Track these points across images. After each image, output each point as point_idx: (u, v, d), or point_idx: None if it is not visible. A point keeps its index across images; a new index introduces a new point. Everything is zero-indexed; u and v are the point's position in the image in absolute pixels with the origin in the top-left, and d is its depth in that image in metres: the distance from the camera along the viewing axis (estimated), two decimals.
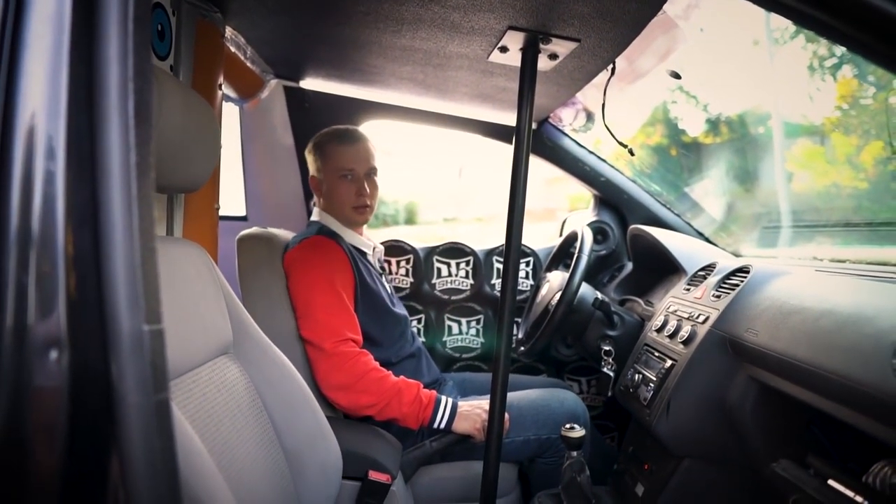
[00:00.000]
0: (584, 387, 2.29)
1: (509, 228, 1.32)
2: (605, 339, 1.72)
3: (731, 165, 2.81)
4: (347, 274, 1.57)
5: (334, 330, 1.48)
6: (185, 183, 1.13)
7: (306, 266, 1.54)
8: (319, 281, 1.52)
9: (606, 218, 2.29)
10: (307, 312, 1.51)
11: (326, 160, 1.69)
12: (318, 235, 1.62)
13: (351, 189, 1.67)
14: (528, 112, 1.35)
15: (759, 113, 2.81)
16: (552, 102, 1.83)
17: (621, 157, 2.23)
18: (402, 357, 1.68)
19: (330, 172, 1.68)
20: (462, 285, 2.24)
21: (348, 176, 1.67)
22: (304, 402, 1.28)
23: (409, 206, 11.28)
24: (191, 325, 1.04)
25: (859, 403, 0.90)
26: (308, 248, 1.58)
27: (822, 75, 2.56)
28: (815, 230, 2.20)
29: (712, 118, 3.09)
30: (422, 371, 1.73)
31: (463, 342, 2.26)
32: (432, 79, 1.75)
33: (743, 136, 2.97)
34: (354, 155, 1.68)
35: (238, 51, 1.66)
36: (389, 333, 1.67)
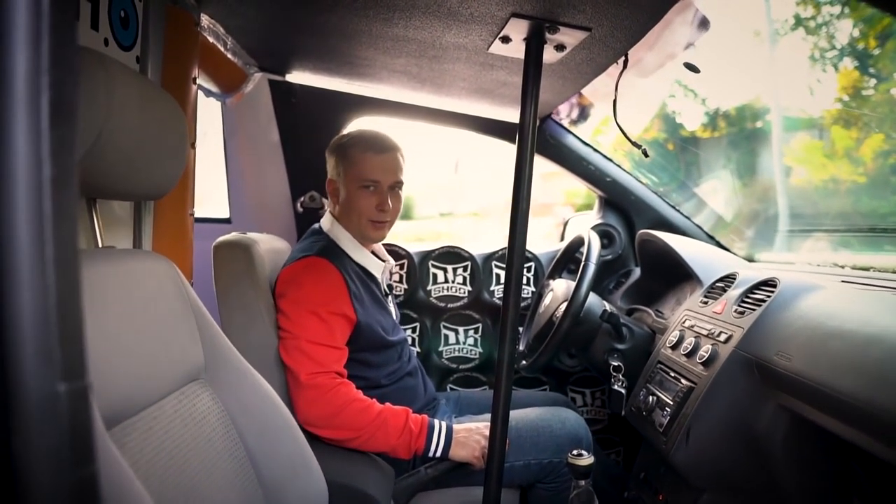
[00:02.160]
0: (587, 399, 2.17)
1: (512, 235, 1.20)
2: (614, 353, 1.60)
3: (739, 162, 2.73)
4: (343, 304, 1.42)
5: (316, 360, 1.35)
6: (148, 189, 1.00)
7: (297, 289, 1.41)
8: (307, 307, 1.38)
9: (612, 221, 2.17)
10: (290, 338, 1.37)
11: (350, 165, 1.52)
12: (317, 256, 1.45)
13: (371, 201, 1.51)
14: (532, 109, 1.22)
15: (761, 106, 2.75)
16: (556, 98, 1.70)
17: (618, 149, 2.11)
18: (396, 379, 1.55)
19: (352, 180, 1.52)
20: (459, 292, 2.11)
21: (371, 187, 1.51)
22: (285, 429, 1.15)
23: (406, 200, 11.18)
24: (153, 352, 0.92)
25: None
26: (302, 269, 1.43)
27: (824, 66, 2.49)
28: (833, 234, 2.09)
29: (711, 112, 3.02)
30: (417, 393, 1.61)
31: (460, 352, 2.14)
32: (427, 72, 1.63)
33: (744, 131, 2.91)
34: (382, 165, 1.52)
35: (217, 41, 1.53)
36: (385, 359, 1.54)
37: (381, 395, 1.47)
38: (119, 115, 0.82)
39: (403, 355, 1.61)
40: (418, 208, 11.74)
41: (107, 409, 0.77)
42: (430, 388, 1.68)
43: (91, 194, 0.99)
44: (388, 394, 1.51)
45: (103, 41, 1.08)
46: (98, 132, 0.78)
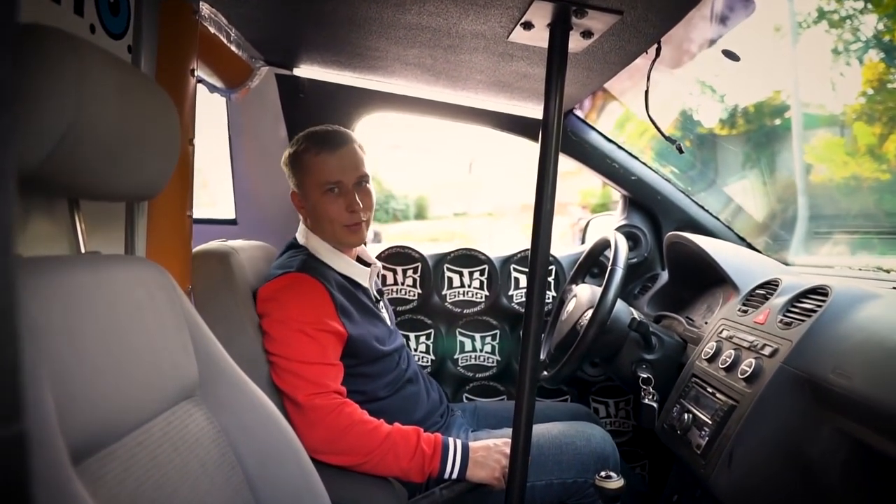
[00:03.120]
0: (611, 410, 2.05)
1: (535, 238, 1.09)
2: (642, 364, 1.49)
3: (758, 160, 2.65)
4: (330, 320, 1.31)
5: (311, 381, 1.25)
6: (137, 189, 0.91)
7: (279, 308, 1.30)
8: (293, 326, 1.28)
9: (637, 221, 2.06)
10: (280, 361, 1.28)
11: (306, 174, 1.41)
12: (298, 273, 1.34)
13: (339, 205, 1.40)
14: (557, 102, 1.11)
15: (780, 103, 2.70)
16: (580, 91, 1.60)
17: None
18: (395, 389, 1.45)
19: (312, 188, 1.41)
20: (476, 297, 2.01)
21: (334, 189, 1.40)
22: (287, 450, 1.06)
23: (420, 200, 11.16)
24: (139, 369, 0.82)
25: None
26: (283, 287, 1.33)
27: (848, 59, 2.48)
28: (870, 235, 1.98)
29: (730, 109, 2.96)
30: (420, 399, 1.50)
31: (477, 360, 2.03)
32: (442, 64, 1.53)
33: (763, 128, 2.84)
34: (339, 164, 1.40)
35: (219, 32, 1.44)
36: (381, 369, 1.44)
37: (381, 407, 1.38)
38: (95, 105, 0.73)
39: (402, 362, 1.50)
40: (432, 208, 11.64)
41: (80, 439, 0.68)
42: (434, 394, 1.58)
43: (72, 194, 0.90)
44: (389, 405, 1.41)
45: (89, 27, 0.99)
46: (67, 123, 0.69)
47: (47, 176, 0.72)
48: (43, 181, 0.73)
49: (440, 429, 1.49)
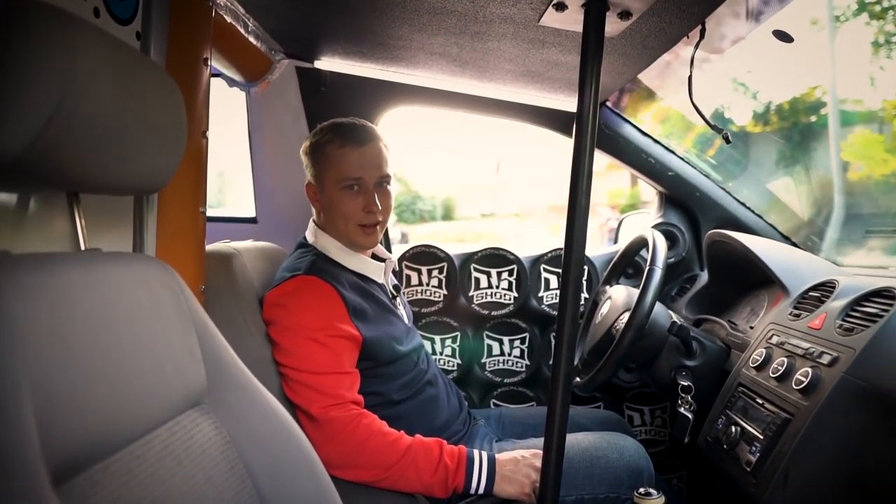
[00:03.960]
0: (646, 418, 1.95)
1: (569, 238, 1.00)
2: (682, 371, 1.39)
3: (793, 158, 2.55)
4: (344, 324, 1.23)
5: (325, 392, 1.17)
6: (139, 182, 0.85)
7: (288, 315, 1.23)
8: (304, 334, 1.20)
9: (674, 219, 1.95)
10: (291, 372, 1.20)
11: (327, 166, 1.33)
12: (307, 275, 1.26)
13: (357, 203, 1.32)
14: (593, 91, 1.02)
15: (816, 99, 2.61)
16: (615, 80, 1.51)
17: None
18: (414, 390, 1.37)
19: (331, 182, 1.33)
20: (504, 298, 1.92)
21: (354, 186, 1.32)
22: (301, 462, 0.99)
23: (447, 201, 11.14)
24: (138, 376, 0.76)
25: None
26: (291, 292, 1.25)
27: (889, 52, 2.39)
28: None
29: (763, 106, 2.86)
30: (440, 403, 1.41)
31: (505, 364, 1.95)
32: (469, 53, 1.45)
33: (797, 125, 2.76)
34: (363, 159, 1.31)
35: (236, 22, 1.38)
36: (398, 369, 1.35)
37: (398, 412, 1.31)
38: (87, 88, 0.67)
39: (420, 362, 1.42)
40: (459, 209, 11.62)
41: (65, 455, 0.62)
42: (454, 399, 1.49)
43: (70, 187, 0.83)
44: (408, 409, 1.34)
45: (93, 11, 0.93)
46: (53, 106, 0.62)
47: (32, 164, 0.65)
48: (32, 170, 0.67)
49: (462, 438, 1.41)
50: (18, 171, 0.67)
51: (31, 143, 0.62)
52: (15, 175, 0.68)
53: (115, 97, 0.73)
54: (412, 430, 1.25)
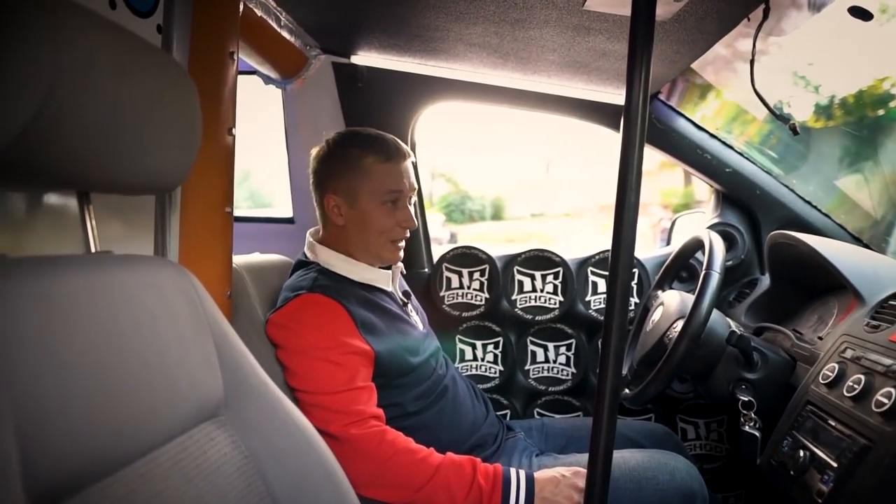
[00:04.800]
0: (701, 431, 1.83)
1: (617, 238, 0.90)
2: (742, 385, 1.28)
3: (859, 154, 2.38)
4: (354, 340, 1.17)
5: (343, 411, 1.11)
6: (149, 181, 0.80)
7: (295, 337, 1.17)
8: (314, 354, 1.15)
9: (732, 219, 1.82)
10: (305, 396, 1.14)
11: (366, 179, 1.27)
12: (310, 294, 1.21)
13: (395, 218, 1.27)
14: (643, 81, 0.91)
15: (884, 91, 2.40)
16: (667, 70, 1.40)
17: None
18: (429, 401, 1.30)
19: (369, 195, 1.27)
20: (549, 302, 1.83)
21: (395, 201, 1.28)
22: (325, 479, 0.92)
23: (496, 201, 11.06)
24: (144, 387, 0.71)
25: None
26: (295, 312, 1.19)
27: None
28: None
29: (826, 100, 2.69)
30: (461, 409, 1.34)
31: (550, 372, 1.85)
32: (510, 43, 1.37)
33: (864, 119, 2.57)
34: (404, 172, 1.28)
35: (267, 16, 1.34)
36: (415, 378, 1.29)
37: (419, 421, 1.25)
38: (82, 79, 0.61)
39: (438, 368, 1.35)
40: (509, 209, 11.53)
41: (55, 477, 0.57)
42: (478, 402, 1.43)
43: (79, 186, 0.79)
44: (429, 417, 1.28)
45: (108, 3, 0.89)
46: (41, 99, 0.57)
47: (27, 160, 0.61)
48: (27, 167, 0.62)
49: (496, 452, 1.34)
50: (14, 168, 0.62)
51: (19, 137, 0.57)
52: (14, 173, 0.64)
53: (118, 90, 0.68)
54: (436, 439, 1.19)
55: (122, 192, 0.84)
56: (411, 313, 1.38)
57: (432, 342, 1.38)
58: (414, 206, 1.33)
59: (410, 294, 1.44)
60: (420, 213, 1.91)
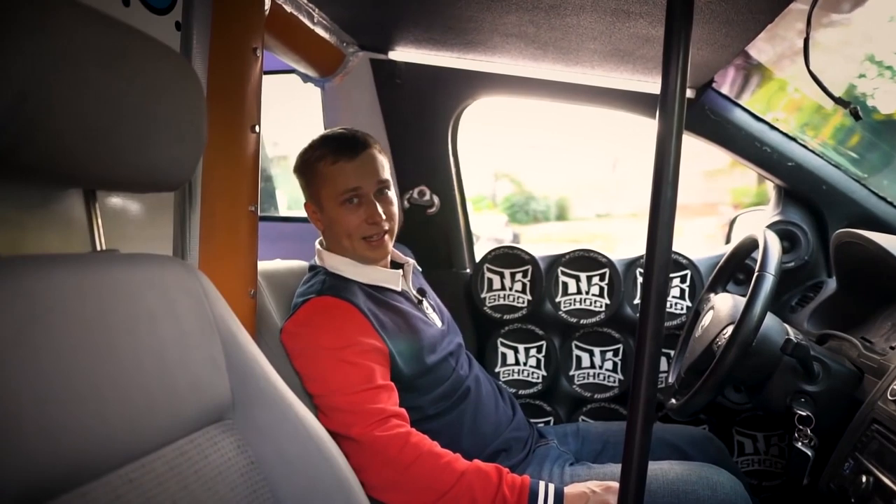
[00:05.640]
0: (760, 445, 1.70)
1: (652, 237, 0.83)
2: (800, 398, 1.17)
3: None
4: (369, 337, 1.15)
5: (362, 412, 1.07)
6: (150, 178, 0.78)
7: (310, 344, 1.15)
8: (330, 356, 1.12)
9: (795, 217, 1.69)
10: (324, 402, 1.11)
11: (322, 183, 1.25)
12: (319, 297, 1.19)
13: (359, 216, 1.23)
14: (681, 63, 0.83)
15: None
16: (718, 55, 1.30)
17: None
18: (450, 403, 1.25)
19: (329, 199, 1.25)
20: (595, 305, 1.74)
21: (353, 199, 1.23)
22: (336, 489, 0.89)
23: (560, 201, 10.91)
24: (137, 389, 0.69)
25: None
26: (307, 318, 1.17)
27: None
28: None
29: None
30: (484, 410, 1.29)
31: (596, 378, 1.77)
32: (547, 32, 1.30)
33: None
34: (359, 169, 1.23)
35: (298, 13, 1.31)
36: (433, 378, 1.24)
37: (439, 424, 1.21)
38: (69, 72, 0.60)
39: (459, 367, 1.30)
40: (574, 209, 11.38)
41: (28, 483, 0.55)
42: (503, 402, 1.37)
43: (86, 185, 0.78)
44: (450, 419, 1.23)
45: (122, 1, 0.88)
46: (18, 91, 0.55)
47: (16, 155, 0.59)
48: (19, 163, 0.61)
49: (525, 460, 1.29)
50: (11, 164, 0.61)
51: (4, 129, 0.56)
52: (13, 169, 0.63)
53: (113, 84, 0.66)
54: (457, 442, 1.15)
55: (127, 190, 0.83)
56: (427, 311, 1.34)
57: (453, 340, 1.34)
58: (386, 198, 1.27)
59: (426, 291, 1.40)
60: (462, 211, 1.87)
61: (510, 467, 1.14)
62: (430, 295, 1.41)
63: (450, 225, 1.84)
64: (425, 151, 1.77)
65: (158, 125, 0.74)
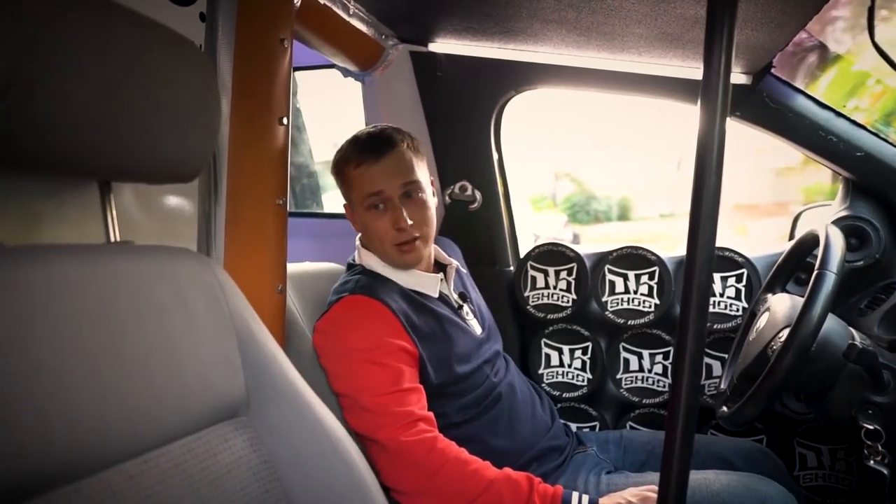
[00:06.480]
0: (825, 459, 1.57)
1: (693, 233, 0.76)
2: (867, 409, 1.07)
3: None
4: (399, 339, 1.11)
5: (388, 414, 1.04)
6: (164, 168, 0.77)
7: (338, 342, 1.12)
8: (358, 356, 1.09)
9: (864, 212, 1.55)
10: (350, 402, 1.09)
11: (350, 187, 1.23)
12: (353, 295, 1.16)
13: (385, 222, 1.18)
14: (725, 44, 0.76)
15: None
16: (777, 36, 1.20)
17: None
18: (478, 411, 1.20)
19: (357, 203, 1.22)
20: (644, 305, 1.66)
21: (380, 205, 1.19)
22: (352, 489, 0.86)
23: (623, 201, 10.67)
24: (144, 384, 0.67)
25: None
26: (338, 316, 1.15)
27: None
28: None
29: None
30: (517, 418, 1.24)
31: (645, 382, 1.68)
32: (588, 17, 1.24)
33: None
34: (383, 173, 1.18)
35: (332, 4, 1.29)
36: (463, 388, 1.20)
37: (466, 432, 1.16)
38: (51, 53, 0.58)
39: (493, 375, 1.25)
40: (637, 209, 11.14)
41: (25, 472, 0.55)
42: (541, 410, 1.31)
43: (100, 176, 0.77)
44: (478, 427, 1.19)
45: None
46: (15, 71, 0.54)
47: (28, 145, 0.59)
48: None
49: (560, 467, 1.23)
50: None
51: None
52: (21, 158, 0.62)
53: (113, 73, 0.64)
54: (487, 450, 1.11)
55: (140, 181, 0.82)
56: (467, 316, 1.29)
57: (491, 348, 1.28)
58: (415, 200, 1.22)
59: (467, 295, 1.34)
60: (506, 207, 1.81)
61: (543, 475, 1.09)
62: (472, 299, 1.36)
63: (492, 221, 1.79)
64: (467, 145, 1.72)
65: (167, 113, 0.73)
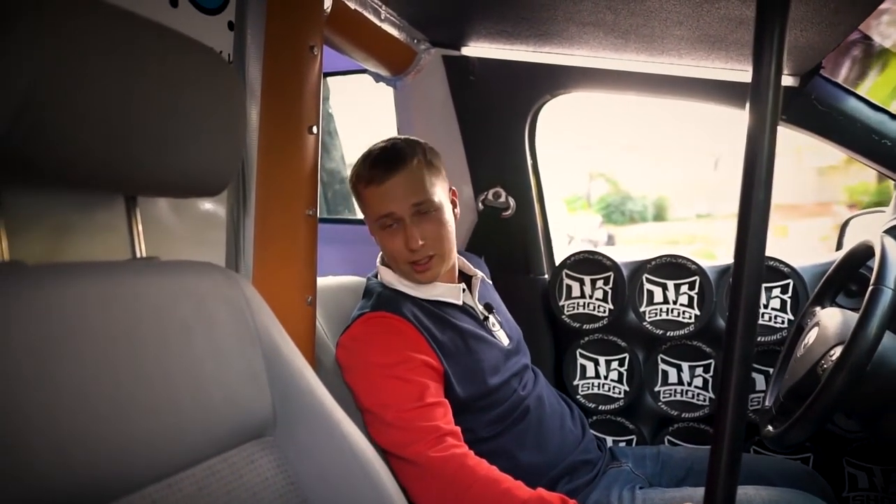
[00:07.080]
0: (877, 480, 1.49)
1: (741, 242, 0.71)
2: None
3: None
4: (421, 353, 1.09)
5: (414, 429, 1.02)
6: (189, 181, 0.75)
7: (360, 358, 1.10)
8: (382, 372, 1.07)
9: None
10: (375, 419, 1.06)
11: (363, 205, 1.22)
12: (373, 312, 1.14)
13: (397, 241, 1.16)
14: (776, 44, 0.71)
15: None
16: (827, 36, 1.14)
17: None
18: (505, 425, 1.17)
19: (370, 221, 1.21)
20: (683, 316, 1.60)
21: (392, 225, 1.17)
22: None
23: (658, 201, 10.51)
24: (168, 405, 0.65)
25: None
26: (360, 333, 1.13)
27: None
28: None
29: None
30: (545, 431, 1.20)
31: (684, 395, 1.62)
32: (626, 19, 1.19)
33: None
34: (390, 192, 1.15)
35: (364, 9, 1.27)
36: (490, 402, 1.17)
37: (494, 446, 1.13)
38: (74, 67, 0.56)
39: (521, 387, 1.22)
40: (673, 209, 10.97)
41: (43, 495, 0.53)
42: (571, 423, 1.28)
43: (125, 191, 0.76)
44: (505, 441, 1.16)
45: (169, 2, 0.86)
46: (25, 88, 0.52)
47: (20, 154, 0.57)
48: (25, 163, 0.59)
49: (591, 482, 1.19)
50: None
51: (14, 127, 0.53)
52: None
53: (135, 86, 0.63)
54: (515, 465, 1.08)
55: (166, 195, 0.80)
56: (493, 328, 1.26)
57: (519, 361, 1.25)
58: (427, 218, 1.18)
59: (493, 306, 1.31)
60: (540, 214, 1.77)
61: (574, 489, 1.06)
62: (498, 310, 1.33)
63: (526, 228, 1.75)
64: (501, 151, 1.69)
65: (193, 127, 0.71)
